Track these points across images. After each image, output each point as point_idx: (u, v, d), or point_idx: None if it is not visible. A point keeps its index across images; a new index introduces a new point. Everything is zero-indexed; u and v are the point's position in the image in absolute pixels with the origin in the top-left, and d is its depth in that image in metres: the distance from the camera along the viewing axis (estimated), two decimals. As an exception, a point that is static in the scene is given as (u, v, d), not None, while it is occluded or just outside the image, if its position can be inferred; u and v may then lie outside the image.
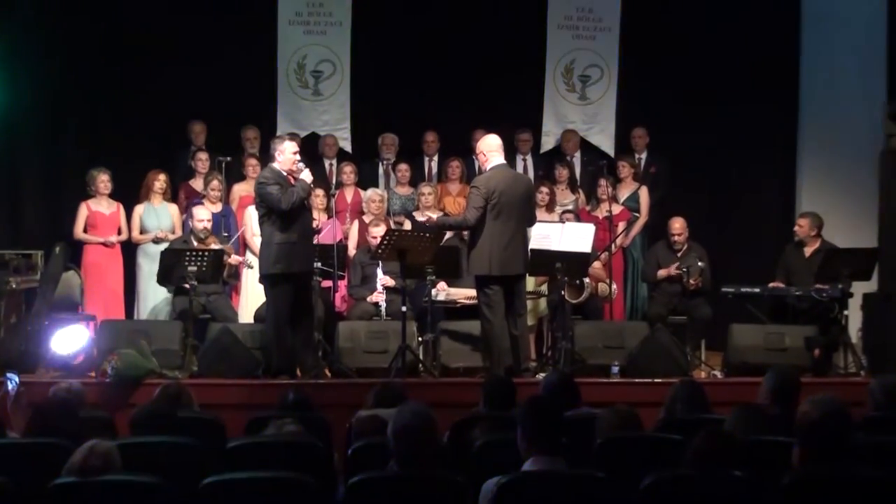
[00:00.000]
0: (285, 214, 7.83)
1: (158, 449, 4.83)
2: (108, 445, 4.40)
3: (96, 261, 9.54)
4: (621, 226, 9.94)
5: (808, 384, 7.42)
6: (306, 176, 7.96)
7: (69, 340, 8.21)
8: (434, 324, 8.59)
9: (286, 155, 7.99)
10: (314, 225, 8.23)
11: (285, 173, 7.95)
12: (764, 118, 10.95)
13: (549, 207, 9.86)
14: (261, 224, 8.08)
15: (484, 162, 8.14)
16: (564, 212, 9.81)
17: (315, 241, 8.26)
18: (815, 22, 10.85)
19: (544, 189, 9.85)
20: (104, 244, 9.53)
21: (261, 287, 9.32)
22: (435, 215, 9.36)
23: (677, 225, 9.50)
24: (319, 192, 9.59)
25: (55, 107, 10.59)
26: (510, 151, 10.60)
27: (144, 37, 10.55)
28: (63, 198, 10.36)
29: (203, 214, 9.25)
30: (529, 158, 10.79)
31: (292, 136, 8.50)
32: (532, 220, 8.25)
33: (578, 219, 9.62)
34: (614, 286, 9.41)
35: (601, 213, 9.86)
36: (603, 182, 9.93)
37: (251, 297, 9.46)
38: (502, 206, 7.86)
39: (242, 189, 10.10)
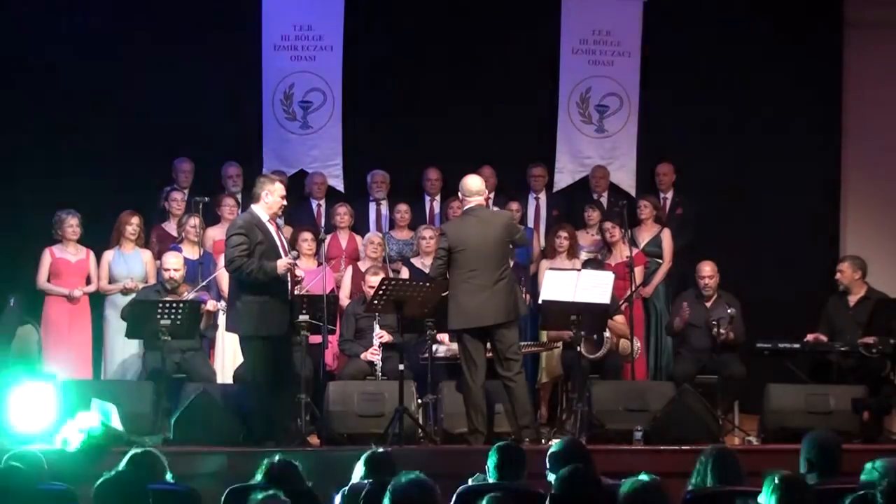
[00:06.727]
0: None
1: (127, 526, 4.79)
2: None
3: (59, 314, 9.48)
4: (637, 272, 9.90)
5: (855, 451, 7.50)
6: (279, 265, 7.90)
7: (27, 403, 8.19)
8: (435, 384, 8.58)
9: (274, 197, 8.06)
10: (296, 277, 8.20)
11: (267, 217, 8.01)
12: (803, 153, 10.98)
13: (570, 253, 9.85)
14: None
15: (458, 208, 8.55)
16: (588, 260, 9.73)
17: (298, 292, 8.26)
18: (861, 48, 10.91)
19: (562, 234, 9.84)
20: (67, 298, 9.48)
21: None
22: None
23: (707, 269, 9.49)
24: (308, 236, 9.62)
25: (14, 141, 10.60)
26: (522, 189, 10.65)
27: (112, 65, 10.62)
28: (22, 243, 10.31)
29: (172, 262, 9.16)
30: (543, 197, 10.76)
31: (280, 176, 8.50)
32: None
33: (601, 266, 9.59)
34: (637, 343, 9.40)
35: (614, 259, 9.80)
36: (608, 225, 9.87)
37: (230, 354, 9.45)
38: (470, 255, 7.98)
39: (217, 233, 10.02)
